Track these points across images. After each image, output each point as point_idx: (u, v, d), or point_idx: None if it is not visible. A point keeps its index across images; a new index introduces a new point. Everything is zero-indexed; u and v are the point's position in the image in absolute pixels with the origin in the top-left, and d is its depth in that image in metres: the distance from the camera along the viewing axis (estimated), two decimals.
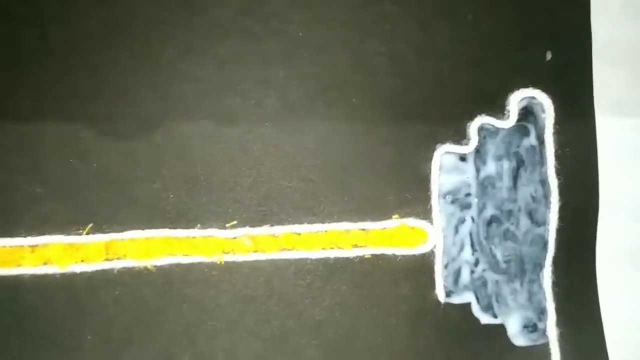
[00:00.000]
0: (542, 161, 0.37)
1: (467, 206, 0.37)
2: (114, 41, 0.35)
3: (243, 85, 0.36)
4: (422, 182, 0.37)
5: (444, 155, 0.37)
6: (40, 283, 0.34)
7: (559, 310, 0.37)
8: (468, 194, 0.37)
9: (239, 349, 0.35)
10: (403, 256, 0.36)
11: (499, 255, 0.37)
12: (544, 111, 0.37)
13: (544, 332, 0.37)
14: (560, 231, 0.37)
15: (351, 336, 0.36)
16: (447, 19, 0.37)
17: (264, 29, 0.36)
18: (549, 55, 0.38)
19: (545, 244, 0.37)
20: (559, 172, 0.37)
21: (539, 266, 0.37)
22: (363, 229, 0.36)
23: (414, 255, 0.36)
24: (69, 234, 0.35)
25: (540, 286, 0.37)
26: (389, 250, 0.36)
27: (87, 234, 0.34)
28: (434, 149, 0.37)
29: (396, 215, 0.36)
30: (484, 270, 0.37)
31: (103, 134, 0.35)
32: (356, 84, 0.36)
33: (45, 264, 0.34)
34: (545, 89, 0.38)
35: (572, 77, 0.38)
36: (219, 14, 0.36)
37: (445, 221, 0.37)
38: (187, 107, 0.35)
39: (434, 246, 0.37)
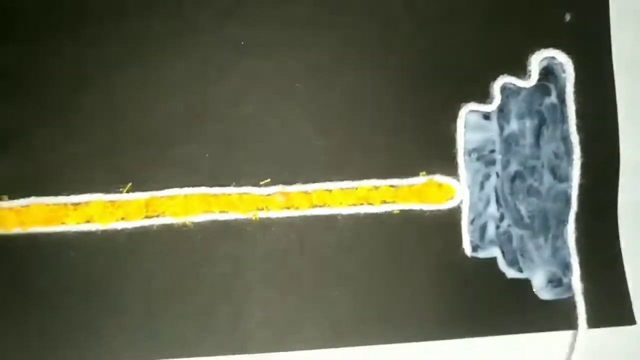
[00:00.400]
0: (564, 119, 0.38)
1: (492, 162, 0.38)
2: (148, 6, 0.36)
3: (271, 47, 0.37)
4: (448, 140, 0.38)
5: (468, 114, 0.38)
6: (83, 240, 0.36)
7: (582, 265, 0.38)
8: (492, 151, 0.38)
9: (274, 301, 0.36)
10: (431, 212, 0.37)
11: (523, 211, 0.38)
12: (564, 71, 0.38)
13: (569, 287, 0.38)
14: (582, 187, 0.38)
15: (381, 289, 0.37)
16: None
17: None
18: (567, 17, 0.39)
19: (568, 200, 0.38)
20: (580, 130, 0.38)
21: (563, 222, 0.38)
22: (392, 186, 0.37)
23: (441, 211, 0.38)
24: (109, 192, 0.36)
25: (564, 241, 0.38)
26: (417, 206, 0.37)
27: (127, 192, 0.36)
28: (458, 108, 0.38)
29: (423, 172, 0.37)
30: (509, 225, 0.38)
31: (138, 95, 0.36)
32: (381, 46, 0.38)
33: (87, 221, 0.35)
34: (565, 49, 0.39)
35: (591, 37, 0.39)
36: None
37: (471, 177, 0.38)
38: (219, 70, 0.37)
39: (461, 202, 0.38)
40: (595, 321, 0.38)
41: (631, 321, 0.38)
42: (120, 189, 0.36)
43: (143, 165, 0.36)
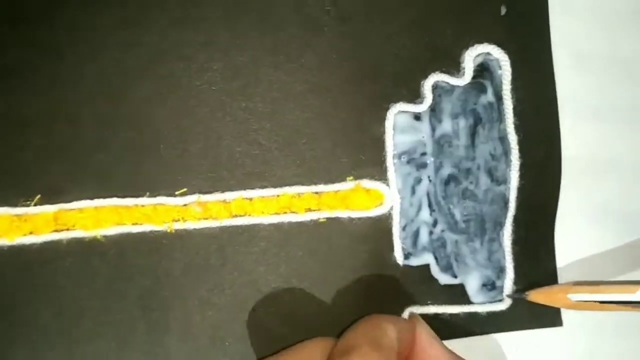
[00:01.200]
0: (501, 118, 0.36)
1: (423, 166, 0.36)
2: (50, 12, 0.35)
3: (186, 50, 0.35)
4: (376, 143, 0.36)
5: (397, 115, 0.36)
6: None
7: (517, 269, 0.36)
8: (424, 153, 0.36)
9: (193, 317, 0.35)
10: (359, 219, 0.36)
11: (458, 215, 0.36)
12: (500, 67, 0.37)
13: (501, 290, 0.36)
14: (521, 189, 0.36)
15: (308, 301, 0.35)
16: None
17: None
18: (503, 10, 0.37)
19: (506, 203, 0.36)
20: (518, 129, 0.37)
21: (499, 225, 0.36)
22: (316, 192, 0.35)
23: (370, 218, 0.36)
24: (16, 205, 0.34)
25: (500, 245, 0.36)
26: (344, 214, 0.35)
27: (35, 205, 0.34)
28: (387, 109, 0.36)
29: (350, 177, 0.36)
30: (442, 230, 0.36)
31: (46, 104, 0.34)
32: (304, 45, 0.36)
33: None
34: (501, 45, 0.37)
35: (529, 31, 0.37)
36: None
37: (402, 182, 0.36)
38: (130, 74, 0.35)
39: (391, 208, 0.36)
40: (522, 323, 0.37)
41: (558, 323, 0.37)
42: (28, 202, 0.34)
43: (52, 177, 0.34)
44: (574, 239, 0.37)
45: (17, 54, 0.35)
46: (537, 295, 0.35)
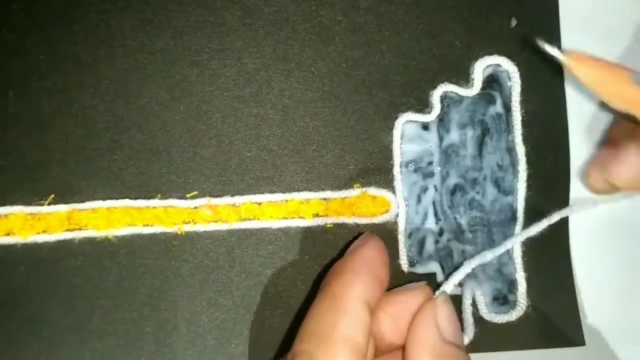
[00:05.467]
0: (509, 129, 0.37)
1: (430, 175, 0.37)
2: (69, 15, 0.35)
3: (200, 56, 0.36)
4: (384, 151, 0.36)
5: (405, 124, 0.37)
6: (3, 253, 0.35)
7: (530, 282, 0.36)
8: (430, 163, 0.37)
9: (200, 318, 0.35)
10: (365, 225, 0.36)
11: (465, 225, 0.37)
12: (510, 78, 0.37)
13: (514, 305, 0.36)
14: (530, 200, 0.37)
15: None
16: None
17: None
18: (514, 22, 0.37)
19: (514, 214, 0.37)
20: (527, 140, 0.37)
21: (509, 237, 0.36)
22: (324, 199, 0.36)
23: (375, 224, 0.36)
24: (30, 204, 0.35)
25: (510, 257, 0.37)
26: (350, 220, 0.36)
27: (49, 204, 0.35)
28: (395, 118, 0.36)
29: (357, 185, 0.36)
30: (449, 240, 0.37)
31: (62, 105, 0.35)
32: (315, 53, 0.36)
33: (7, 234, 0.35)
34: (511, 56, 0.37)
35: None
36: None
37: (408, 190, 0.36)
38: (144, 78, 0.36)
39: (396, 215, 0.36)
40: (542, 341, 0.36)
41: (581, 342, 0.36)
42: (42, 202, 0.35)
43: (66, 177, 0.35)
44: (589, 251, 0.37)
45: (35, 57, 0.35)
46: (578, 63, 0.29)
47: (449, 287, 0.33)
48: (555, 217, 0.34)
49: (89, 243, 0.35)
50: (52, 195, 0.35)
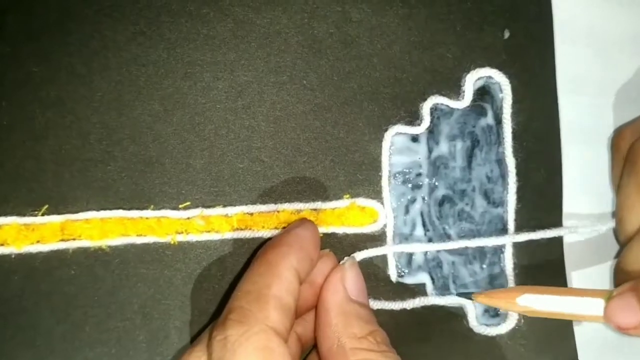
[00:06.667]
0: (499, 141, 0.37)
1: (418, 186, 0.37)
2: (63, 26, 0.36)
3: (193, 68, 0.36)
4: (373, 163, 0.37)
5: (395, 136, 0.37)
6: None
7: None
8: (419, 174, 0.37)
9: (192, 328, 0.36)
10: (354, 235, 0.37)
11: (454, 236, 0.37)
12: (501, 90, 0.37)
13: (505, 317, 0.37)
14: (520, 212, 0.37)
15: None
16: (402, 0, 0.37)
17: (213, 12, 0.36)
18: (507, 34, 0.38)
19: (504, 225, 0.37)
20: (517, 152, 0.37)
21: (500, 248, 0.37)
22: (314, 209, 0.36)
23: (364, 235, 0.37)
24: (24, 215, 0.35)
25: (502, 269, 0.37)
26: (339, 230, 0.36)
27: (43, 215, 0.35)
28: (385, 130, 0.37)
29: (347, 195, 0.37)
30: (438, 251, 0.37)
31: (56, 116, 0.36)
32: (307, 66, 0.37)
33: (1, 245, 0.35)
34: (503, 68, 0.37)
35: (532, 56, 0.38)
36: None
37: (396, 201, 0.37)
38: (138, 90, 0.36)
39: (385, 225, 0.37)
40: (533, 355, 0.37)
41: (573, 356, 0.37)
42: (36, 212, 0.35)
43: (59, 187, 0.36)
44: (582, 262, 0.38)
45: (28, 68, 0.36)
46: (483, 297, 0.34)
47: (360, 256, 0.36)
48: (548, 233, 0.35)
49: (83, 253, 0.36)
50: (46, 206, 0.35)
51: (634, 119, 0.37)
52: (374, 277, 0.37)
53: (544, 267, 0.37)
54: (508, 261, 0.37)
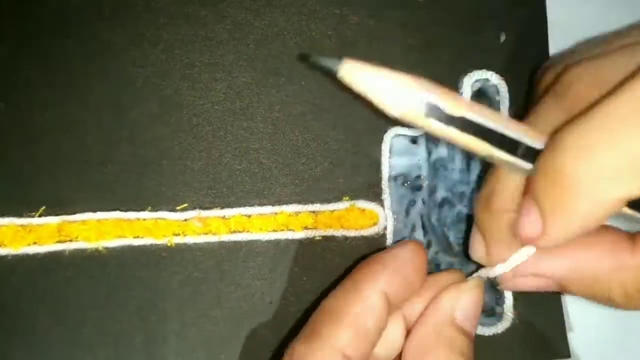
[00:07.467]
0: None
1: (418, 188, 0.37)
2: (61, 28, 0.36)
3: (191, 70, 0.36)
4: (373, 165, 0.37)
5: (394, 138, 0.37)
6: None
7: (516, 294, 0.37)
8: (419, 176, 0.37)
9: (190, 330, 0.36)
10: (354, 237, 0.37)
11: (452, 238, 0.37)
12: (498, 93, 0.37)
13: (501, 317, 0.36)
14: None
15: (303, 317, 0.36)
16: (398, 3, 0.37)
17: (211, 14, 0.36)
18: (503, 37, 0.38)
19: None
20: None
21: None
22: (313, 211, 0.36)
23: (364, 237, 0.37)
24: (21, 216, 0.35)
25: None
26: (339, 232, 0.36)
27: (40, 216, 0.35)
28: (384, 132, 0.37)
29: (346, 197, 0.37)
30: (437, 252, 0.37)
31: (54, 118, 0.35)
32: (305, 68, 0.37)
33: None
34: (499, 71, 0.38)
35: (527, 58, 0.38)
36: (164, 0, 0.36)
37: (396, 203, 0.37)
38: (135, 92, 0.36)
39: (384, 228, 0.37)
40: (528, 353, 0.37)
41: (566, 354, 0.37)
42: (33, 213, 0.35)
43: (56, 189, 0.35)
44: None
45: (26, 70, 0.36)
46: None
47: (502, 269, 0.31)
48: None
49: (80, 254, 0.35)
50: (43, 207, 0.35)
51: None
52: None
53: None
54: None
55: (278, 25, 0.37)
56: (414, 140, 0.37)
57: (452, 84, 0.37)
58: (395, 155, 0.37)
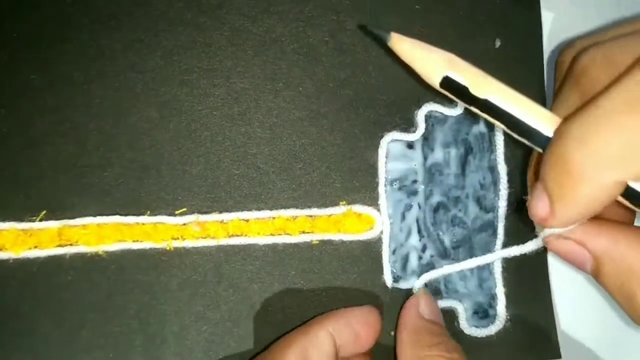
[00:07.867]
0: (492, 148, 0.38)
1: (414, 193, 0.37)
2: (61, 34, 0.36)
3: (189, 75, 0.37)
4: (369, 170, 0.37)
5: (391, 143, 0.37)
6: None
7: (509, 296, 0.37)
8: (415, 181, 0.37)
9: (189, 332, 0.36)
10: (350, 242, 0.37)
11: (447, 242, 0.37)
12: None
13: (494, 319, 0.37)
14: (509, 218, 0.38)
15: (300, 320, 0.36)
16: (395, 9, 0.38)
17: (209, 20, 0.37)
18: (498, 43, 0.38)
19: (494, 230, 0.37)
20: (509, 159, 0.38)
21: (489, 252, 0.37)
22: (310, 216, 0.37)
23: (361, 241, 0.37)
24: (22, 220, 0.36)
25: (491, 272, 0.37)
26: (336, 237, 0.37)
27: (40, 220, 0.36)
28: (381, 137, 0.37)
29: (343, 202, 0.37)
30: (432, 256, 0.37)
31: (54, 123, 0.36)
32: (303, 73, 0.37)
33: None
34: (495, 76, 0.38)
35: (523, 63, 0.38)
36: (163, 6, 0.36)
37: (392, 208, 0.37)
38: (135, 97, 0.36)
39: (381, 232, 0.37)
40: (519, 354, 0.37)
41: (556, 354, 0.37)
42: (34, 218, 0.35)
43: (57, 193, 0.36)
44: (565, 266, 0.38)
45: (26, 75, 0.36)
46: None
47: (420, 283, 0.37)
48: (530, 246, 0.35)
49: (80, 258, 0.36)
50: (44, 212, 0.36)
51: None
52: (371, 282, 0.37)
53: (530, 270, 0.38)
54: (497, 265, 0.37)
55: (276, 32, 0.37)
56: (410, 145, 0.37)
57: None
58: (391, 160, 0.37)
